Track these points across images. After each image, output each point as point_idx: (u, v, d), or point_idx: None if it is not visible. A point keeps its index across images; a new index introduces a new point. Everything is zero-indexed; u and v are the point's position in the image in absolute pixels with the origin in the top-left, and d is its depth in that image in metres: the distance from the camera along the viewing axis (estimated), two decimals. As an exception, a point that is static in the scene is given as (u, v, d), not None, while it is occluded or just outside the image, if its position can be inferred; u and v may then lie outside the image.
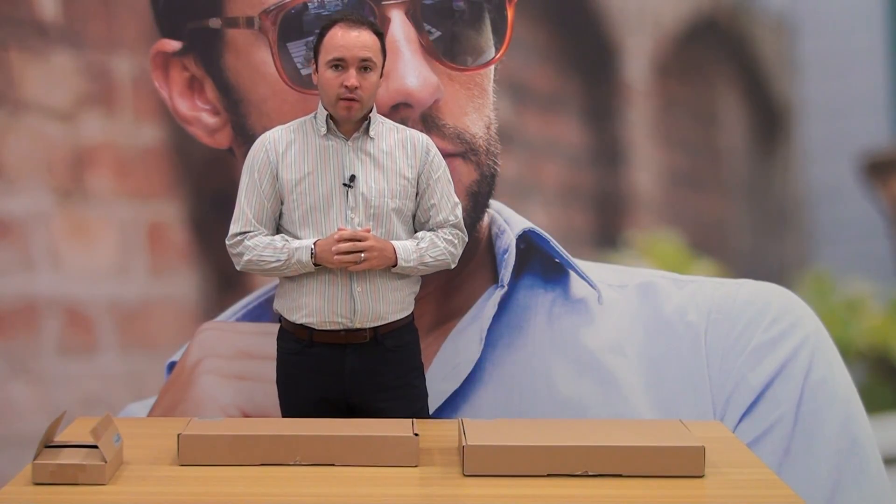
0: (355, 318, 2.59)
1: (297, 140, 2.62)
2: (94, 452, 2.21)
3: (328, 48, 2.55)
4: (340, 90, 2.53)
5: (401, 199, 2.62)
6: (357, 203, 2.58)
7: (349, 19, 2.57)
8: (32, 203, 3.17)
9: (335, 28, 2.56)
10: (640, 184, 3.55)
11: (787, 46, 3.77)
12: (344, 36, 2.54)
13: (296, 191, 2.59)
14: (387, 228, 2.61)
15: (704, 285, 3.10)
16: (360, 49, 2.53)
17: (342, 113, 2.56)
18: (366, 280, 2.58)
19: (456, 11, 3.00)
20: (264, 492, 2.18)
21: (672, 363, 2.98)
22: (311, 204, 2.59)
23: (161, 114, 3.16)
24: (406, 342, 2.69)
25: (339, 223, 2.58)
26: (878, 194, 3.78)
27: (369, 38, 2.55)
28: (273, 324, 3.12)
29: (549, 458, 2.25)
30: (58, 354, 3.20)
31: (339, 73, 2.54)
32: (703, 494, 2.20)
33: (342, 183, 2.58)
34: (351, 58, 2.53)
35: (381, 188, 2.59)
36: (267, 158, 2.62)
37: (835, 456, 2.91)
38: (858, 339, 3.81)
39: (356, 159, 2.60)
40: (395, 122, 2.80)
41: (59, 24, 3.16)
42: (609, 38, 3.52)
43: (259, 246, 2.60)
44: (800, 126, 3.76)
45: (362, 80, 2.54)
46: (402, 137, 2.65)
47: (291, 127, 2.65)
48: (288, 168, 2.60)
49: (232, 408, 2.99)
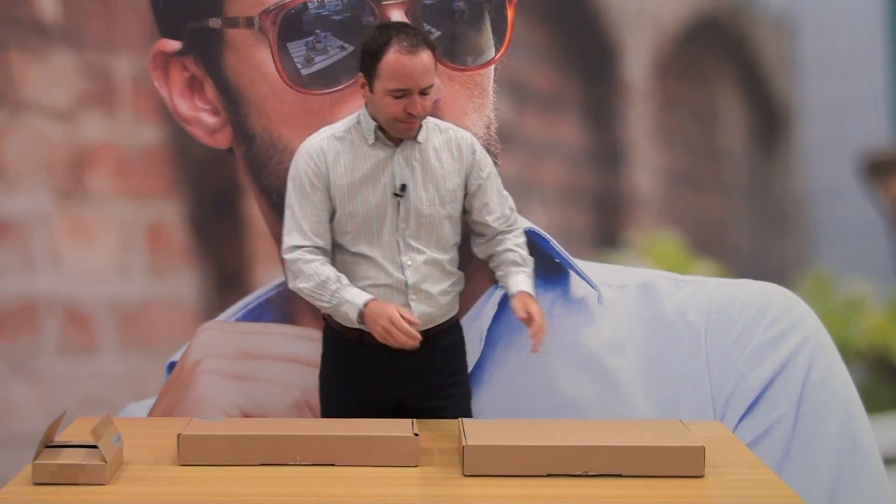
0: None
1: (345, 150, 2.56)
2: (94, 452, 2.21)
3: (387, 76, 2.46)
4: (402, 115, 2.47)
5: (450, 205, 2.59)
6: (409, 213, 2.55)
7: (405, 41, 2.44)
8: (32, 203, 3.17)
9: (393, 53, 2.45)
10: (640, 184, 3.55)
11: (787, 46, 3.77)
12: (405, 64, 2.44)
13: (348, 204, 2.55)
14: (437, 235, 2.59)
15: (704, 285, 3.10)
16: (423, 77, 2.45)
17: (402, 133, 2.51)
18: (421, 290, 2.57)
19: (456, 11, 3.00)
20: (264, 492, 2.18)
21: (672, 363, 2.98)
22: (365, 216, 2.55)
23: (161, 114, 3.15)
24: (455, 341, 2.69)
25: (392, 236, 2.55)
26: (878, 194, 3.79)
27: (428, 58, 2.46)
28: (273, 324, 3.13)
29: (549, 458, 2.25)
30: (58, 354, 3.20)
31: (400, 100, 2.46)
32: (703, 494, 2.20)
33: (393, 193, 2.54)
34: (415, 87, 2.45)
35: (431, 196, 2.56)
36: (318, 169, 2.55)
37: (835, 456, 2.90)
38: (858, 339, 3.81)
39: (406, 167, 2.55)
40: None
41: (59, 24, 3.16)
42: (609, 38, 3.52)
43: (314, 277, 2.53)
44: (800, 126, 3.77)
45: (424, 101, 2.47)
46: (446, 139, 2.61)
47: (336, 135, 2.58)
48: (339, 180, 2.54)
49: (232, 408, 2.99)
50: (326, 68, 2.96)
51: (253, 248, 3.26)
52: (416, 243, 2.57)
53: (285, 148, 2.99)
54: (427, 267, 2.59)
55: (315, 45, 2.96)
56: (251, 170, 3.05)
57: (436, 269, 2.60)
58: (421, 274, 2.58)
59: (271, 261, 3.16)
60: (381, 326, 2.46)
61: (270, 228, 3.10)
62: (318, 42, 2.96)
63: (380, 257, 2.57)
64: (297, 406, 3.00)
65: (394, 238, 2.56)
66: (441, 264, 2.61)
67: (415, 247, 2.57)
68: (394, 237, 2.56)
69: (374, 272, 2.57)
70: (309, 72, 2.93)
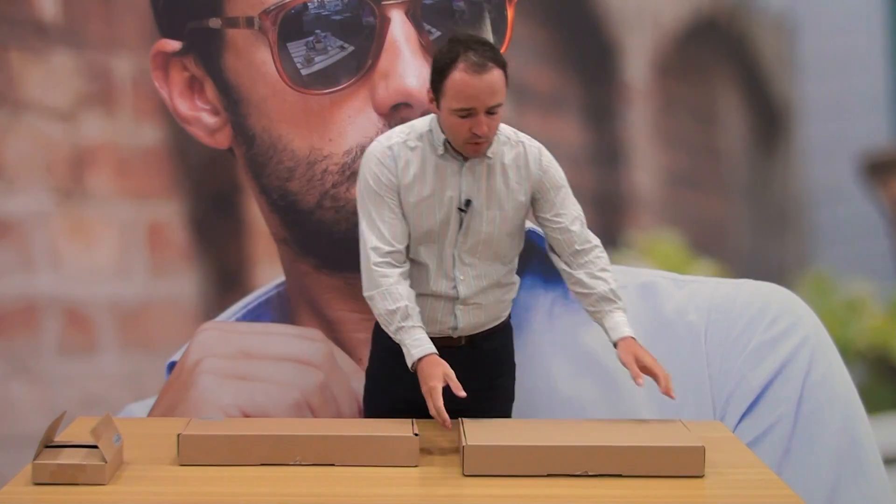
0: (455, 333, 2.56)
1: (415, 159, 2.48)
2: (94, 452, 2.21)
3: (452, 94, 2.37)
4: (467, 134, 2.40)
5: (513, 222, 2.53)
6: (469, 229, 2.50)
7: (473, 60, 2.35)
8: (32, 203, 3.17)
9: (459, 72, 2.35)
10: (640, 184, 3.56)
11: (787, 46, 3.77)
12: (470, 84, 2.35)
13: (414, 213, 2.49)
14: (495, 250, 2.54)
15: (704, 285, 3.10)
16: (489, 97, 2.36)
17: (469, 153, 2.44)
18: (470, 302, 2.54)
19: (456, 11, 3.00)
20: (264, 492, 2.18)
21: (672, 363, 2.97)
22: (428, 228, 2.49)
23: (161, 114, 3.16)
24: (502, 343, 2.65)
25: (450, 249, 2.50)
26: (878, 194, 3.79)
27: (496, 78, 2.37)
28: (273, 324, 3.13)
29: (549, 457, 2.25)
30: (58, 354, 3.20)
31: (466, 119, 2.38)
32: (703, 494, 2.20)
33: (458, 208, 2.48)
34: (480, 107, 2.37)
35: (493, 215, 2.50)
36: (389, 173, 2.47)
37: (835, 456, 2.90)
38: (858, 339, 3.81)
39: (473, 182, 2.48)
40: (397, 122, 2.80)
41: (59, 24, 3.16)
42: (609, 38, 3.52)
43: (385, 301, 2.47)
44: (800, 126, 3.77)
45: (491, 121, 2.39)
46: (516, 154, 2.52)
47: (409, 144, 2.49)
48: (408, 189, 2.48)
49: (232, 408, 2.99)
50: (326, 68, 2.96)
51: (253, 248, 3.26)
52: (472, 258, 2.52)
53: (285, 148, 2.99)
54: (480, 281, 2.54)
55: (315, 45, 2.96)
56: (251, 170, 3.05)
57: (490, 283, 2.55)
58: (473, 288, 2.53)
59: (271, 261, 3.16)
60: (426, 390, 2.40)
61: (270, 228, 3.10)
62: (318, 42, 2.96)
63: (434, 267, 2.52)
64: (297, 406, 3.00)
65: (450, 251, 2.51)
66: (496, 278, 2.56)
67: (469, 262, 2.52)
68: (450, 250, 2.51)
69: (425, 281, 2.52)
70: (309, 72, 2.93)
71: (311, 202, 3.00)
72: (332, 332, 3.08)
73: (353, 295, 3.03)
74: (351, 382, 3.05)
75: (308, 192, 3.00)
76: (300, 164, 2.99)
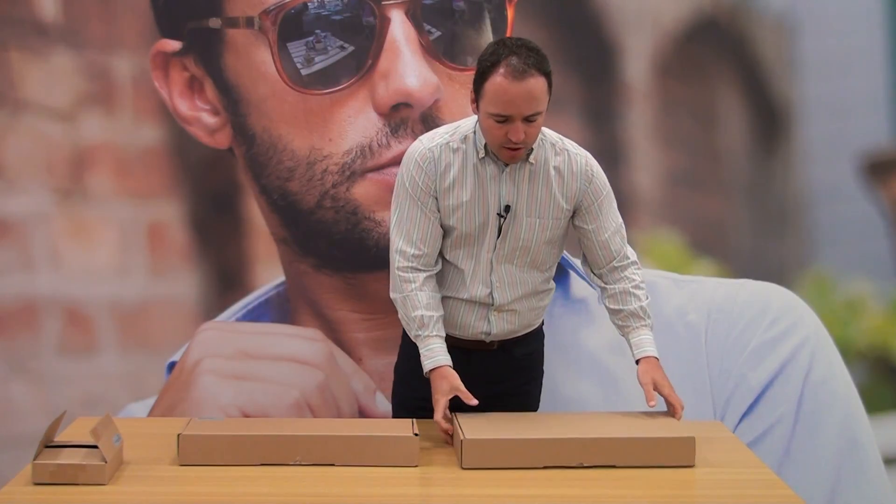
0: (488, 338, 2.55)
1: (456, 162, 2.45)
2: (94, 452, 2.21)
3: (490, 98, 2.32)
4: (503, 140, 2.35)
5: (552, 231, 2.49)
6: (507, 235, 2.47)
7: (515, 65, 2.30)
8: (32, 203, 3.17)
9: (499, 76, 2.30)
10: (640, 184, 3.56)
11: (787, 46, 3.77)
12: (508, 90, 2.30)
13: (453, 216, 2.46)
14: (533, 258, 2.51)
15: (705, 285, 3.10)
16: (527, 104, 2.31)
17: (506, 159, 2.41)
18: (505, 309, 2.52)
19: (456, 11, 3.00)
20: (264, 492, 2.18)
21: (672, 363, 2.97)
22: (466, 232, 2.47)
23: (161, 114, 3.16)
24: (534, 349, 2.63)
25: (487, 254, 2.47)
26: (878, 194, 3.79)
27: (537, 85, 2.30)
28: (273, 324, 3.13)
29: (545, 450, 2.27)
30: (58, 354, 3.20)
31: (502, 125, 2.34)
32: (702, 494, 2.20)
33: (497, 213, 2.45)
34: (517, 114, 2.32)
35: (532, 222, 2.47)
36: (427, 177, 2.45)
37: (835, 456, 2.91)
38: (858, 339, 3.82)
39: (513, 188, 2.45)
40: (397, 122, 2.80)
41: (59, 24, 3.16)
42: (609, 38, 3.52)
43: (406, 306, 2.47)
44: (800, 126, 3.77)
45: (528, 128, 2.34)
46: (560, 162, 2.47)
47: (452, 146, 2.45)
48: (447, 192, 2.45)
49: (232, 408, 2.99)
50: (326, 68, 2.96)
51: (253, 248, 3.26)
52: (510, 265, 2.49)
53: (285, 148, 2.99)
54: (516, 288, 2.51)
55: (315, 45, 2.96)
56: (251, 170, 3.05)
57: (525, 291, 2.53)
58: (509, 296, 2.51)
59: (271, 261, 3.16)
60: (433, 401, 2.41)
61: (270, 228, 3.10)
62: (318, 42, 2.96)
63: (469, 272, 2.49)
64: (297, 406, 3.00)
65: (488, 256, 2.48)
66: (532, 285, 2.53)
67: (507, 269, 2.49)
68: (488, 255, 2.48)
69: (461, 286, 2.51)
70: (309, 72, 2.93)
71: (311, 202, 3.00)
72: (332, 332, 3.08)
73: (353, 295, 3.04)
74: (351, 382, 3.05)
75: (308, 192, 3.00)
76: (300, 164, 2.99)
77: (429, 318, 2.46)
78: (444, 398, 2.40)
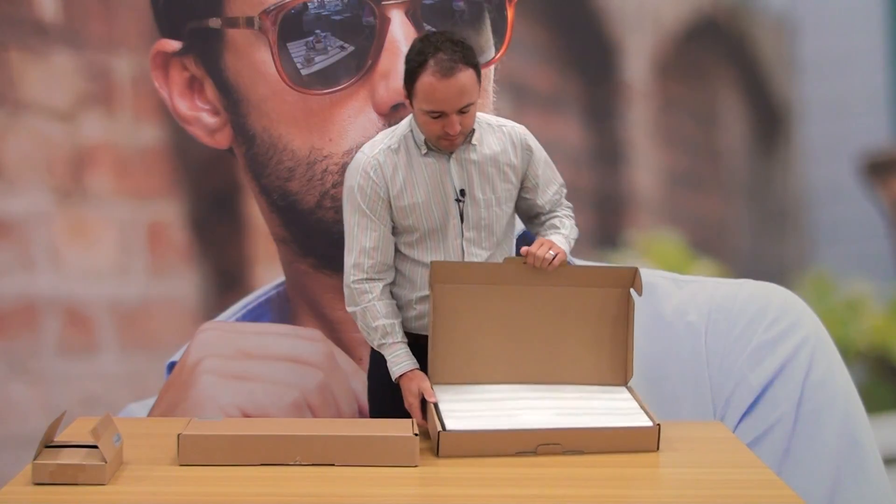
0: None
1: (402, 163, 2.48)
2: (94, 452, 2.21)
3: (422, 97, 2.36)
4: (440, 133, 2.40)
5: (506, 204, 2.54)
6: (469, 218, 2.50)
7: (442, 64, 2.33)
8: (32, 203, 3.17)
9: (427, 75, 2.35)
10: (640, 184, 3.56)
11: (787, 46, 3.77)
12: (438, 88, 2.34)
13: (411, 216, 2.49)
14: (496, 235, 2.54)
15: (705, 285, 3.11)
16: (458, 99, 2.36)
17: (445, 148, 2.45)
18: None
19: (456, 11, 3.00)
20: (264, 492, 2.18)
21: (672, 363, 2.98)
22: (429, 227, 2.50)
23: (161, 114, 3.16)
24: None
25: (455, 241, 2.50)
26: (878, 194, 3.79)
27: (466, 78, 2.35)
28: (273, 324, 3.13)
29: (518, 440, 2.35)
30: (58, 354, 3.20)
31: (437, 120, 2.38)
32: (703, 494, 2.20)
33: (455, 199, 2.49)
34: (450, 109, 2.37)
35: (488, 198, 2.51)
36: (376, 185, 2.47)
37: (835, 456, 2.91)
38: (858, 339, 3.81)
39: (462, 171, 2.49)
40: (397, 122, 2.79)
41: (59, 23, 3.16)
42: (609, 38, 3.52)
43: (366, 318, 2.49)
44: (800, 126, 3.77)
45: (463, 119, 2.39)
46: (499, 137, 2.52)
47: (392, 147, 2.49)
48: (400, 195, 2.47)
49: (232, 408, 2.99)
50: (326, 68, 2.97)
51: (253, 248, 3.26)
52: (477, 248, 2.52)
53: (285, 148, 2.99)
54: None
55: (315, 45, 2.96)
56: (251, 170, 3.05)
57: None
58: None
59: (271, 261, 3.16)
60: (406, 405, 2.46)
61: (270, 228, 3.10)
62: (318, 42, 2.96)
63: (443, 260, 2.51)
64: (297, 406, 3.00)
65: (457, 243, 2.51)
66: None
67: (475, 252, 2.52)
68: (456, 242, 2.51)
69: None
70: (309, 72, 2.94)
71: (311, 202, 3.00)
72: (332, 332, 3.08)
73: (353, 295, 3.04)
74: (351, 382, 3.05)
75: (308, 192, 3.00)
76: (300, 164, 2.99)
77: (390, 325, 2.50)
78: (415, 400, 2.45)
